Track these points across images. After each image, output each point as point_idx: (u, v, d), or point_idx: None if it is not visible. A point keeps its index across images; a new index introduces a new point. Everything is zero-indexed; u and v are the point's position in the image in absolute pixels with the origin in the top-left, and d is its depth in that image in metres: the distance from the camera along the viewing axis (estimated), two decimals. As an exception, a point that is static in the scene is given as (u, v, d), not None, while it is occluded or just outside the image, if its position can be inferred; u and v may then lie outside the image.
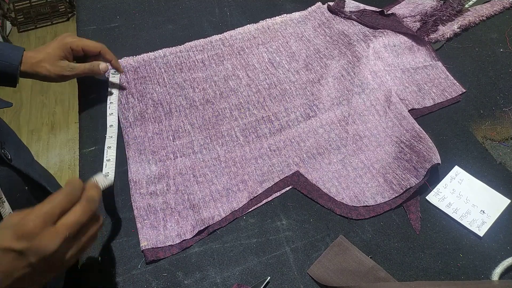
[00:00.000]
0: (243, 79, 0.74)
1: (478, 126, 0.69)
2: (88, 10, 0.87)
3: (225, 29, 0.82)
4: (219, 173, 0.62)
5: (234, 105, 0.70)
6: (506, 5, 0.88)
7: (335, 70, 0.75)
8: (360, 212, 0.59)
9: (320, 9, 0.86)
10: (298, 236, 0.57)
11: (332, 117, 0.69)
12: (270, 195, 0.60)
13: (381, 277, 0.52)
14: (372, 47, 0.77)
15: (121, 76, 0.73)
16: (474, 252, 0.55)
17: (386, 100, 0.70)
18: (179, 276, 0.53)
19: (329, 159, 0.64)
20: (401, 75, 0.75)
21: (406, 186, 0.60)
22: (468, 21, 0.84)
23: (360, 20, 0.83)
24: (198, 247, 0.56)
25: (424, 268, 0.54)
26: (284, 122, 0.68)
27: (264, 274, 0.53)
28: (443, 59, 0.78)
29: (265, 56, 0.78)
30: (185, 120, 0.68)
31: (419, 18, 0.84)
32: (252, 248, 0.56)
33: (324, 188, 0.61)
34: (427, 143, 0.62)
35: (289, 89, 0.73)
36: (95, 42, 0.66)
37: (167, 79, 0.73)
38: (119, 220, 0.58)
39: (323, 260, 0.54)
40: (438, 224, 0.58)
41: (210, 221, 0.57)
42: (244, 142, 0.66)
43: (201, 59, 0.77)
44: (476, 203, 0.59)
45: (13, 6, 2.21)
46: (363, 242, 0.56)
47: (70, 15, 2.31)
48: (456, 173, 0.63)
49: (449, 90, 0.73)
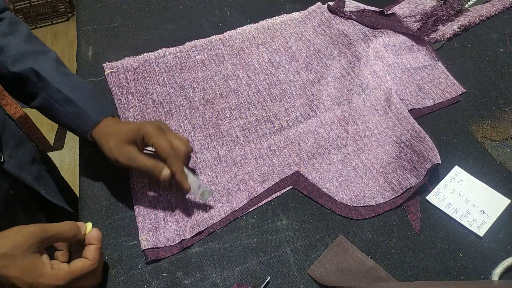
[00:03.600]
0: (243, 79, 0.74)
1: (478, 126, 0.69)
2: (88, 10, 0.87)
3: (225, 29, 0.82)
4: (219, 173, 0.62)
5: (234, 105, 0.70)
6: (506, 5, 0.88)
7: (335, 70, 0.75)
8: (360, 212, 0.59)
9: (320, 9, 0.86)
10: (298, 236, 0.57)
11: (332, 117, 0.69)
12: (270, 195, 0.60)
13: (381, 277, 0.52)
14: (372, 47, 0.77)
15: (121, 76, 0.73)
16: (474, 252, 0.55)
17: (386, 100, 0.70)
18: (179, 276, 0.53)
19: (329, 159, 0.64)
20: (401, 75, 0.75)
21: (406, 186, 0.60)
22: (468, 21, 0.84)
23: (360, 20, 0.83)
24: (198, 247, 0.56)
25: (424, 268, 0.54)
26: (284, 122, 0.68)
27: (264, 274, 0.53)
28: (443, 59, 0.78)
29: (265, 56, 0.78)
30: (185, 120, 0.68)
31: (419, 18, 0.84)
32: (252, 248, 0.56)
33: (324, 188, 0.61)
34: (427, 143, 0.62)
35: (289, 89, 0.73)
36: (168, 144, 0.52)
37: (167, 79, 0.74)
38: (119, 220, 0.58)
39: (323, 260, 0.54)
40: (438, 224, 0.58)
41: (210, 221, 0.57)
42: (244, 142, 0.66)
43: (201, 59, 0.77)
44: (476, 203, 0.59)
45: (13, 6, 2.21)
46: (363, 242, 0.56)
47: (70, 15, 2.31)
48: (456, 173, 0.63)
49: (449, 90, 0.73)
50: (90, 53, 0.78)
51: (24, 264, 0.40)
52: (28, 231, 0.41)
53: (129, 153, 0.52)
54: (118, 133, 0.53)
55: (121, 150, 0.52)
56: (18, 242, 0.40)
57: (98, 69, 0.75)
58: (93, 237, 0.47)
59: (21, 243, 0.40)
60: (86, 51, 0.79)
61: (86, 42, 0.80)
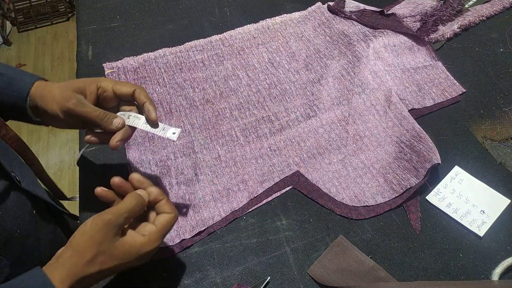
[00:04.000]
0: (243, 79, 0.74)
1: (478, 126, 0.69)
2: (88, 10, 0.87)
3: (225, 29, 0.82)
4: (219, 173, 0.62)
5: (234, 105, 0.70)
6: (506, 5, 0.88)
7: (335, 70, 0.75)
8: (360, 212, 0.59)
9: (320, 9, 0.86)
10: (298, 236, 0.57)
11: (332, 117, 0.69)
12: (270, 195, 0.60)
13: (381, 277, 0.52)
14: (372, 47, 0.77)
15: (121, 76, 0.73)
16: (474, 252, 0.55)
17: (386, 100, 0.70)
18: (179, 276, 0.53)
19: (329, 159, 0.64)
20: (401, 75, 0.75)
21: (406, 186, 0.60)
22: (468, 21, 0.84)
23: (360, 20, 0.83)
24: (198, 247, 0.56)
25: (424, 268, 0.54)
26: (284, 122, 0.68)
27: (264, 274, 0.53)
28: (443, 59, 0.78)
29: (265, 56, 0.78)
30: (185, 120, 0.68)
31: (419, 18, 0.84)
32: (252, 248, 0.56)
33: (324, 188, 0.61)
34: (427, 143, 0.62)
35: (289, 89, 0.73)
36: (130, 83, 0.51)
37: (167, 79, 0.74)
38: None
39: (323, 260, 0.54)
40: (438, 224, 0.58)
41: (210, 221, 0.57)
42: (244, 142, 0.66)
43: (201, 59, 0.77)
44: (476, 203, 0.59)
45: (13, 6, 2.21)
46: (363, 242, 0.56)
47: (70, 15, 2.31)
48: (456, 173, 0.63)
49: (449, 90, 0.73)
50: (90, 53, 0.78)
51: (118, 251, 0.41)
52: (103, 224, 0.41)
53: (77, 98, 0.48)
54: (64, 83, 0.49)
55: (68, 95, 0.48)
56: (100, 239, 0.40)
57: (98, 69, 0.75)
58: (158, 194, 0.46)
59: (103, 239, 0.40)
60: (86, 51, 0.79)
61: (86, 42, 0.80)
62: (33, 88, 0.50)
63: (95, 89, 0.50)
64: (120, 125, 0.49)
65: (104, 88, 0.50)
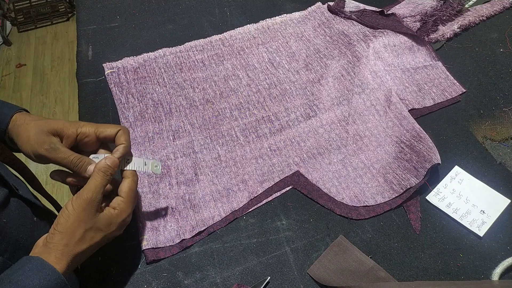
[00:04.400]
0: (243, 79, 0.74)
1: (478, 126, 0.69)
2: (88, 10, 0.87)
3: (225, 29, 0.82)
4: (219, 173, 0.62)
5: (234, 105, 0.70)
6: (506, 5, 0.88)
7: (335, 70, 0.75)
8: (360, 212, 0.59)
9: (320, 9, 0.86)
10: (298, 236, 0.57)
11: (332, 117, 0.69)
12: (270, 195, 0.60)
13: (381, 277, 0.52)
14: (372, 47, 0.77)
15: (121, 76, 0.73)
16: (474, 252, 0.55)
17: (386, 100, 0.70)
18: (179, 276, 0.53)
19: (329, 159, 0.64)
20: (401, 75, 0.75)
21: (406, 186, 0.60)
22: (468, 21, 0.84)
23: (360, 20, 0.83)
24: (198, 247, 0.56)
25: (424, 268, 0.54)
26: (284, 122, 0.68)
27: (264, 274, 0.53)
28: (443, 59, 0.78)
29: (265, 56, 0.78)
30: (185, 120, 0.68)
31: (419, 18, 0.84)
32: (252, 248, 0.56)
33: (324, 188, 0.61)
34: (427, 143, 0.62)
35: (289, 89, 0.73)
36: (114, 125, 0.50)
37: (167, 79, 0.74)
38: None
39: (323, 260, 0.54)
40: (438, 224, 0.58)
41: (210, 221, 0.57)
42: (244, 142, 0.66)
43: (201, 59, 0.77)
44: (476, 203, 0.59)
45: (13, 6, 2.21)
46: (363, 242, 0.56)
47: (70, 15, 2.31)
48: (456, 173, 0.63)
49: (449, 90, 0.73)
50: (90, 53, 0.78)
51: (102, 224, 0.45)
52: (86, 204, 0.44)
53: (50, 142, 0.47)
54: (42, 122, 0.48)
55: (41, 139, 0.47)
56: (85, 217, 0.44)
57: (98, 69, 0.75)
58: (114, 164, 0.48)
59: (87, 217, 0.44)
60: (86, 51, 0.79)
61: (86, 42, 0.80)
62: (11, 123, 0.50)
63: (74, 134, 0.49)
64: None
65: (86, 134, 0.49)
